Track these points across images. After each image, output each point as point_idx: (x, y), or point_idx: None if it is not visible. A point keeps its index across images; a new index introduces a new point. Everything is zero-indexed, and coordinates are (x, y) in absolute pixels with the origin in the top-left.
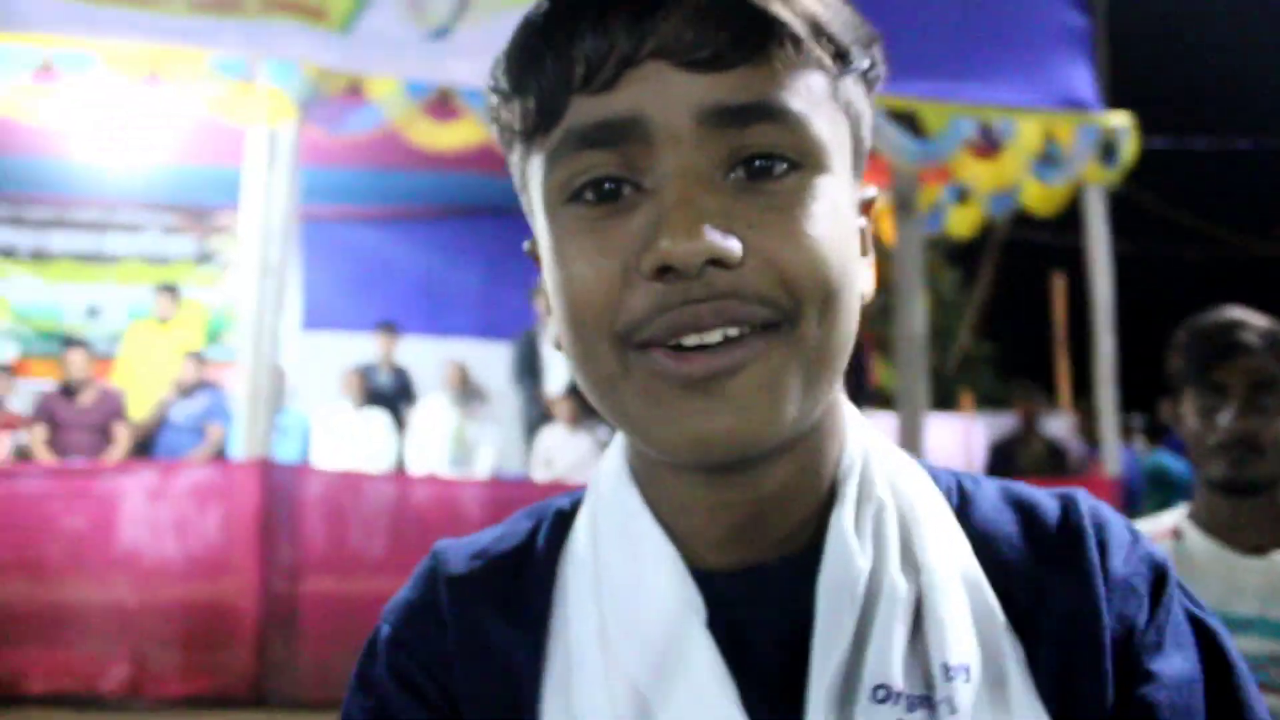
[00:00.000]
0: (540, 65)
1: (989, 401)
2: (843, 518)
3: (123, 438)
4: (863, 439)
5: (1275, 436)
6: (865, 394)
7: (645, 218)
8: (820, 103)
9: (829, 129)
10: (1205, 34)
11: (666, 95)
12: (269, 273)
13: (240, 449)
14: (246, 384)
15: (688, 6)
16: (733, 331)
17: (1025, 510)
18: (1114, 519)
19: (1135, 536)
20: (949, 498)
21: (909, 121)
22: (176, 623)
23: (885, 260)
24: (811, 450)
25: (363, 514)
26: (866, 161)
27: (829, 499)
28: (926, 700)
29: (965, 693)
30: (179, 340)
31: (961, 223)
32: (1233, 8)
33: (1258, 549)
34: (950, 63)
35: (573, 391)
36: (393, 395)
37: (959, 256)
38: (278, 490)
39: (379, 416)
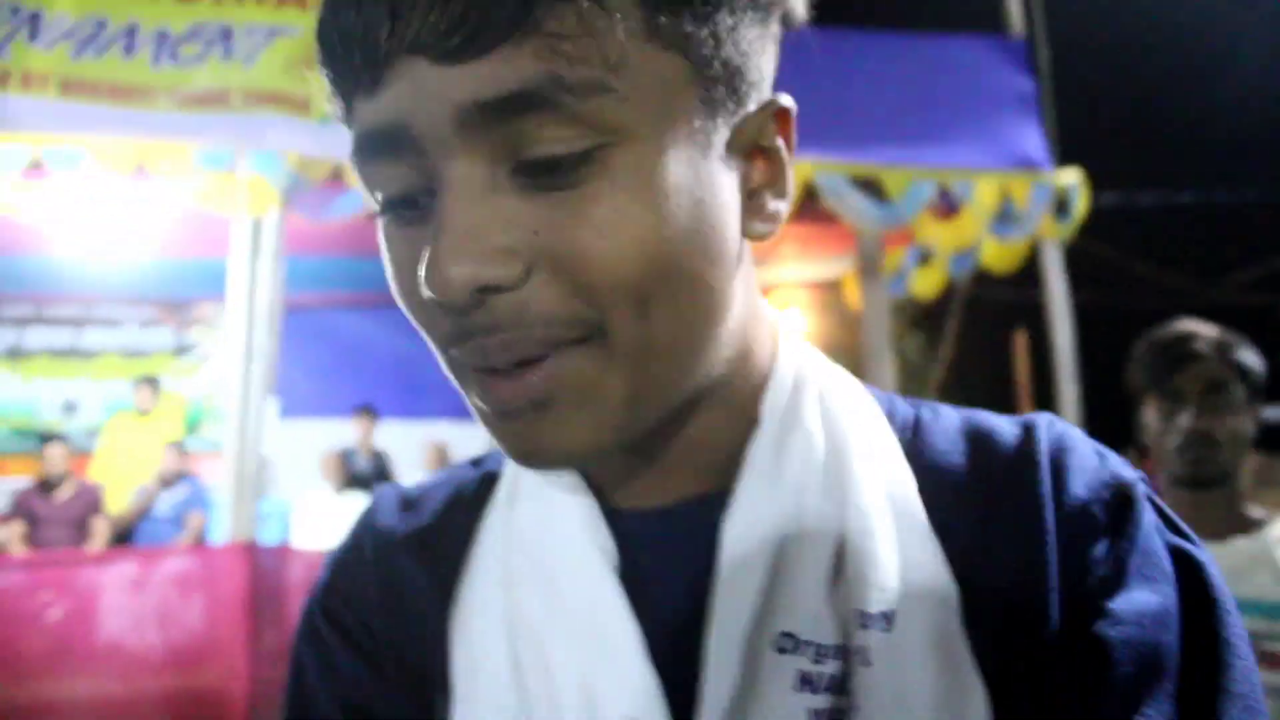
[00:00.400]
0: (325, 61)
1: None
2: (756, 455)
3: (101, 531)
4: (798, 366)
5: (1228, 432)
6: None
7: (427, 242)
8: (628, 57)
9: (649, 82)
10: (1153, 88)
11: (423, 96)
12: (255, 359)
13: (223, 535)
14: (231, 470)
15: None
16: (540, 362)
17: (980, 438)
18: (1078, 442)
19: (1102, 459)
20: (902, 431)
21: (871, 187)
22: (164, 714)
23: (852, 324)
24: (718, 400)
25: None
26: (755, 73)
27: (751, 433)
28: (840, 650)
29: (882, 643)
30: (159, 432)
31: (925, 284)
32: (1172, 64)
33: (1216, 535)
34: (909, 129)
35: None
36: (372, 478)
37: (921, 320)
38: (263, 574)
39: (359, 499)
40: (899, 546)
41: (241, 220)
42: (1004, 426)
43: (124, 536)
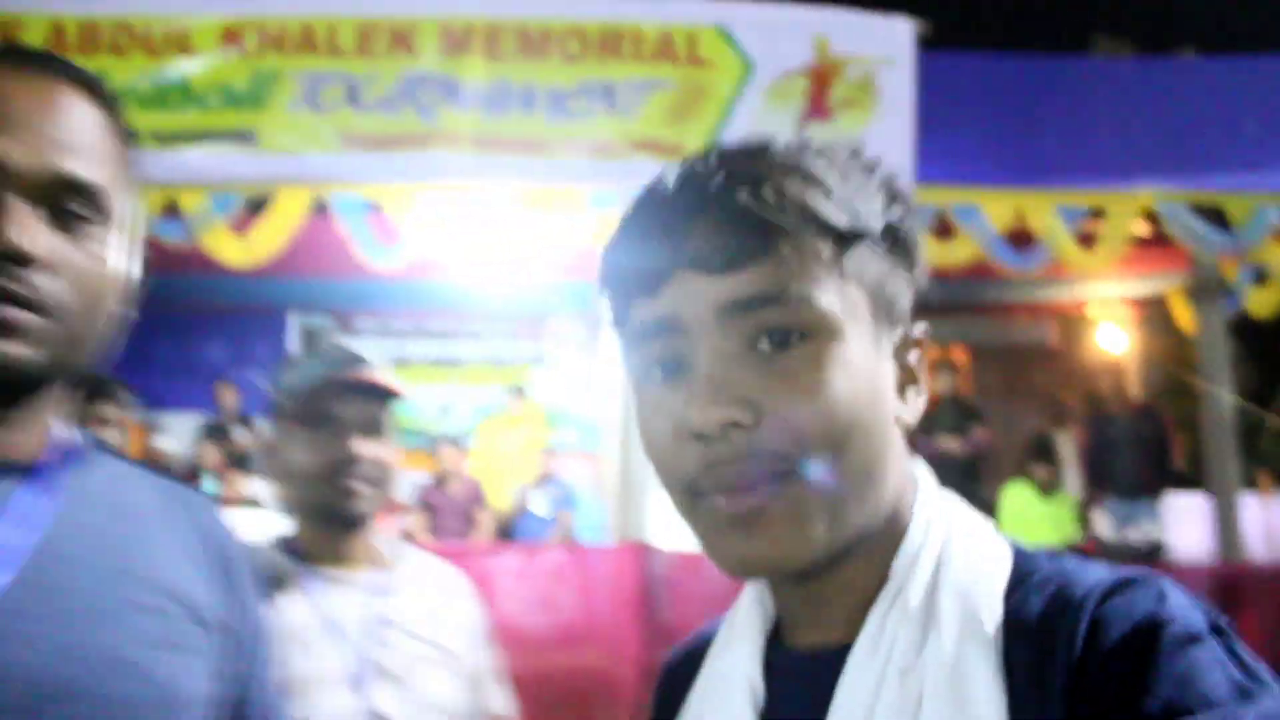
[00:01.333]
0: (610, 278)
1: None
2: (874, 614)
3: (486, 522)
4: (931, 520)
5: None
6: (1168, 475)
7: (688, 392)
8: (827, 282)
9: (838, 300)
10: None
11: (693, 296)
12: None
13: (590, 532)
14: (616, 473)
15: (705, 224)
16: (765, 488)
17: (1060, 593)
18: (1144, 590)
19: (1159, 601)
20: (1015, 583)
21: (1214, 214)
22: (561, 691)
23: (1186, 345)
24: (865, 552)
25: (707, 593)
26: (902, 308)
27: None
28: None
29: None
30: (526, 435)
31: (1260, 304)
32: None
33: None
34: (1251, 154)
35: None
36: None
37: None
38: (649, 573)
39: None
40: (963, 709)
41: None
42: (1087, 583)
43: (505, 530)
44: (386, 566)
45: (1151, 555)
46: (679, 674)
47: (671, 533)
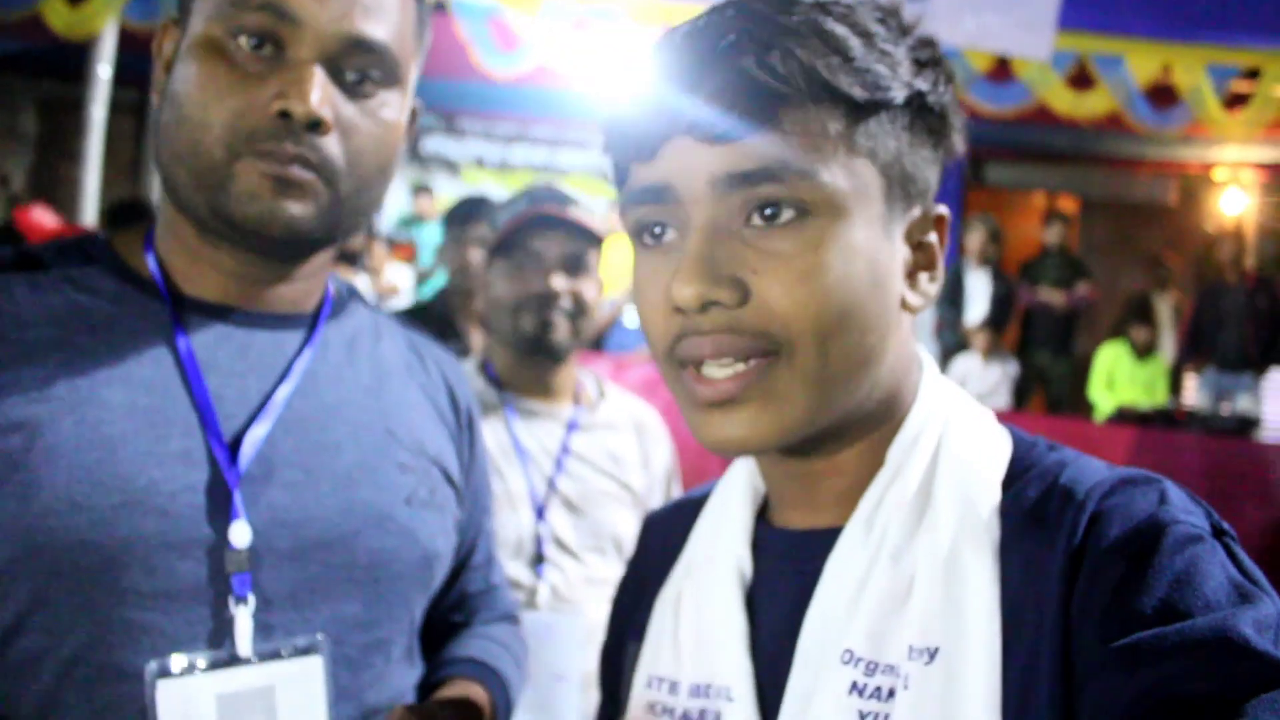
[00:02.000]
0: (610, 137)
1: None
2: (866, 499)
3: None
4: (929, 413)
5: None
6: (1277, 350)
7: (677, 262)
8: (832, 156)
9: (844, 177)
10: None
11: (687, 164)
12: None
13: None
14: None
15: (707, 88)
16: (740, 366)
17: (1063, 489)
18: (1144, 493)
19: (1161, 504)
20: (1010, 479)
21: None
22: None
23: None
24: (859, 434)
25: None
26: (923, 184)
27: (876, 474)
28: (890, 670)
29: (920, 674)
30: (623, 248)
31: None
32: None
33: None
34: None
35: (990, 323)
36: None
37: None
38: None
39: None
40: (955, 594)
41: None
42: (1088, 480)
43: (597, 341)
44: (584, 402)
45: (1243, 429)
46: (664, 528)
47: None
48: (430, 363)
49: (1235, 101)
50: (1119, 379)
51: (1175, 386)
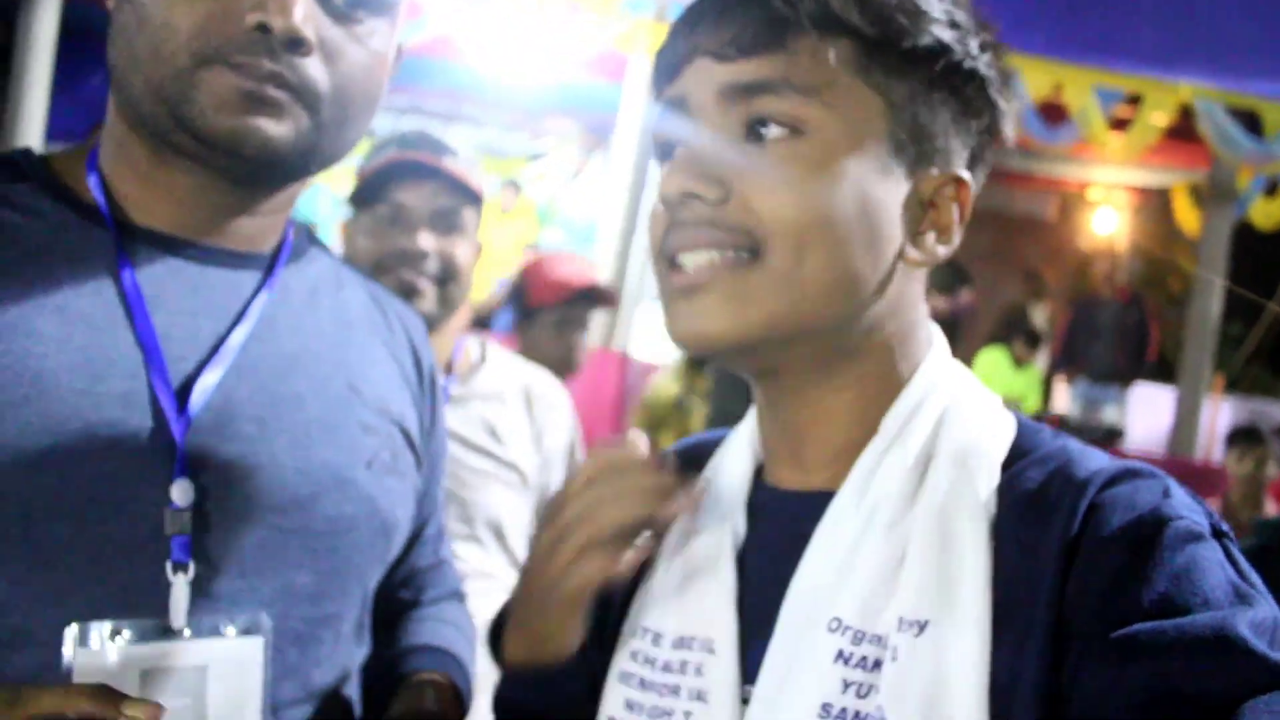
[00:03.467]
0: (653, 73)
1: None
2: (860, 465)
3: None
4: (932, 385)
5: None
6: (1142, 364)
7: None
8: (834, 83)
9: (845, 105)
10: None
11: (702, 80)
12: (646, 186)
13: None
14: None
15: (723, 15)
16: (715, 256)
17: (1063, 474)
18: (1145, 486)
19: (1165, 499)
20: (1015, 456)
21: (1248, 119)
22: None
23: (1180, 242)
24: (855, 386)
25: None
26: (943, 144)
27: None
28: (877, 640)
29: (908, 645)
30: (516, 230)
31: (1265, 215)
32: None
33: None
34: None
35: None
36: None
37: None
38: (627, 383)
39: None
40: (948, 568)
41: (642, 61)
42: (1091, 467)
43: (483, 323)
44: (457, 371)
45: (1109, 439)
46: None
47: (651, 347)
48: (393, 318)
49: (1118, 125)
50: (995, 386)
51: (1046, 395)
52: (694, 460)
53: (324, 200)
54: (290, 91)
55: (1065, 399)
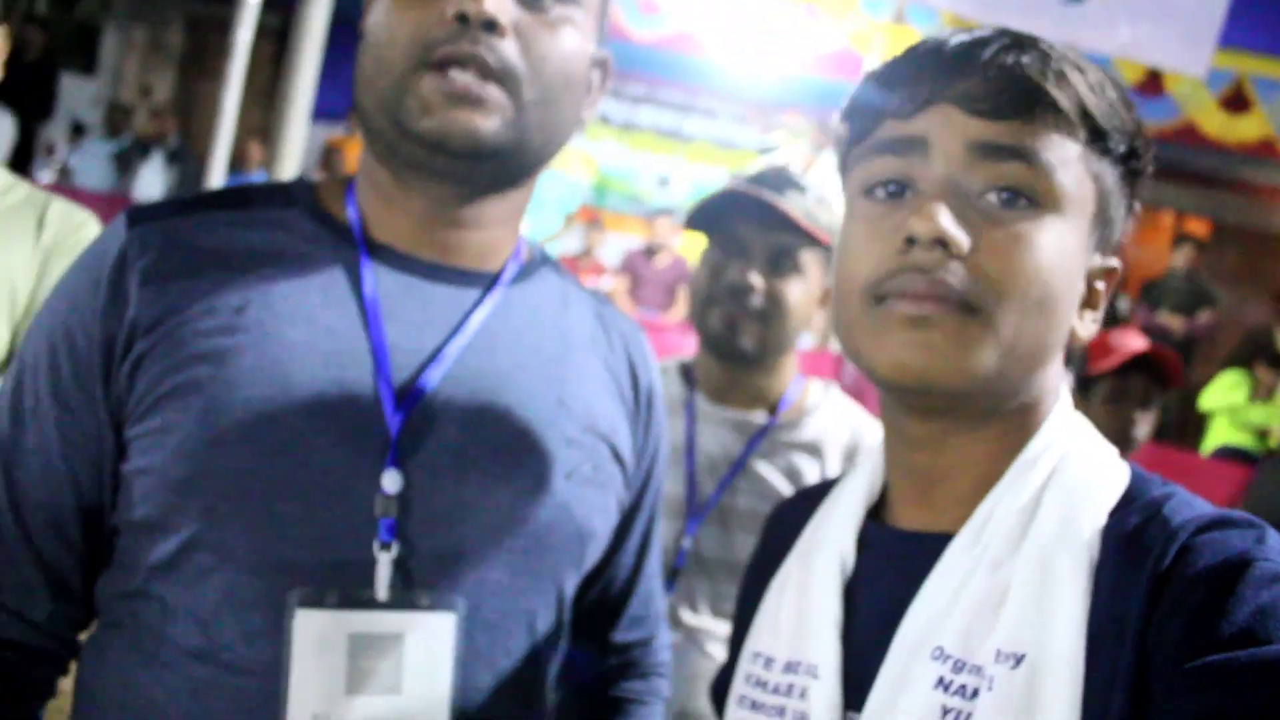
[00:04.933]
0: (868, 94)
1: None
2: (978, 513)
3: (685, 300)
4: (1059, 432)
5: None
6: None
7: (910, 210)
8: (1070, 163)
9: (1073, 185)
10: None
11: (948, 127)
12: None
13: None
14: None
15: (986, 71)
16: (937, 304)
17: (1157, 522)
18: (1237, 532)
19: (1258, 543)
20: (1123, 503)
21: None
22: None
23: None
24: (998, 438)
25: None
26: (1114, 234)
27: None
28: (976, 670)
29: (1005, 677)
30: None
31: None
32: None
33: None
34: None
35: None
36: None
37: None
38: (846, 379)
39: None
40: (1047, 605)
41: (877, 61)
42: (1188, 514)
43: None
44: (784, 417)
45: None
46: (789, 517)
47: None
48: (615, 335)
49: None
50: (1230, 413)
51: None
52: (800, 510)
53: None
54: (492, 79)
55: None
